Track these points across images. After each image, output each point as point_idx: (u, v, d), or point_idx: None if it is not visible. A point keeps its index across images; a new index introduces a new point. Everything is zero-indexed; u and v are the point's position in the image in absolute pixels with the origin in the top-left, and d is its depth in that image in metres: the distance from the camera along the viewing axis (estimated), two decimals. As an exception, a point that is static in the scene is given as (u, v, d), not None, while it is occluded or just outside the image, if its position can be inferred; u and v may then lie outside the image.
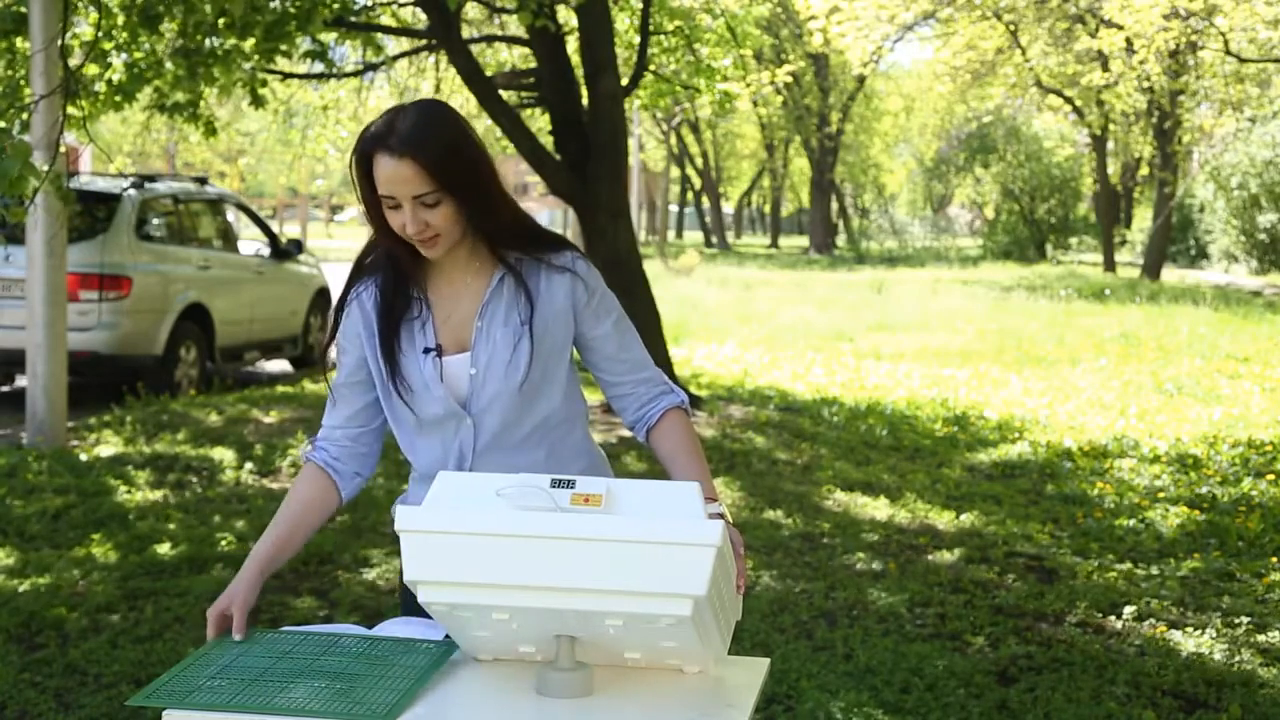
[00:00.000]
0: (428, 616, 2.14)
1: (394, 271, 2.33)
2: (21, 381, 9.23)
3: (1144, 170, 30.79)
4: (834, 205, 45.32)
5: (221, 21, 8.08)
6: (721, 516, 2.00)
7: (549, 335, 2.36)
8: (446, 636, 2.16)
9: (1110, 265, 29.91)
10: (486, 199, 2.25)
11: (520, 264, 2.32)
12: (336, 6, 8.59)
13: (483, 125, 16.55)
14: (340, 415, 2.46)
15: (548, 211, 60.83)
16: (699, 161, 47.34)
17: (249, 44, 8.59)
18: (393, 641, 2.16)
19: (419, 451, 2.37)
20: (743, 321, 16.75)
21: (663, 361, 10.16)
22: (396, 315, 2.34)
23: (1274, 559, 5.79)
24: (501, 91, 10.40)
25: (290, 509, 2.33)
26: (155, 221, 10.41)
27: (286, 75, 11.74)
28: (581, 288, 2.37)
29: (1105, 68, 23.87)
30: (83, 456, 7.30)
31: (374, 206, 2.24)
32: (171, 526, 5.93)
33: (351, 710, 1.89)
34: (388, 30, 11.22)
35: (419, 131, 2.16)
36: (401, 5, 11.34)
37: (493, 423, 2.32)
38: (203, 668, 2.02)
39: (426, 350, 2.32)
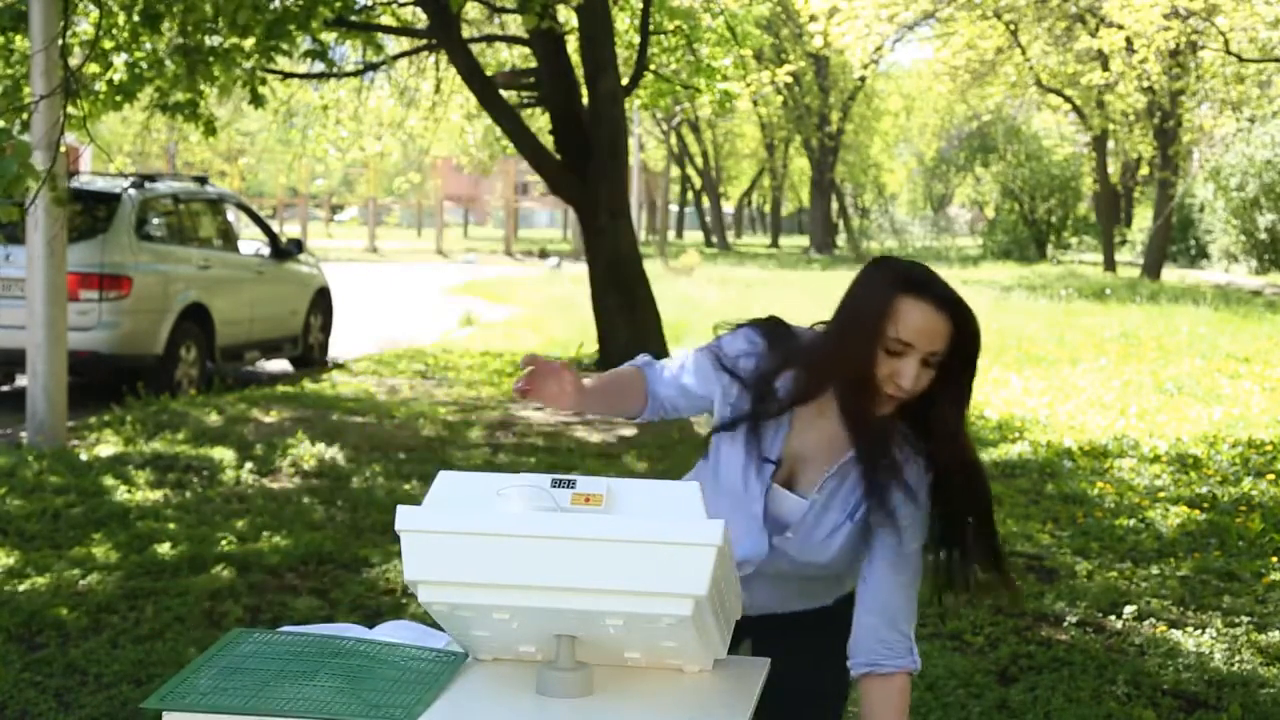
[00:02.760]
0: None
1: (788, 373, 2.28)
2: (21, 381, 9.23)
3: (1144, 170, 30.81)
4: (834, 205, 45.31)
5: (221, 20, 8.08)
6: None
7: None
8: (448, 643, 2.16)
9: (1110, 265, 29.91)
10: (961, 397, 2.22)
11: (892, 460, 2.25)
12: (338, 5, 8.59)
13: (483, 125, 16.57)
14: (668, 386, 2.40)
15: (548, 211, 60.85)
16: (699, 161, 47.34)
17: (249, 43, 8.59)
18: (400, 646, 2.15)
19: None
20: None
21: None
22: (760, 406, 2.28)
23: (1274, 559, 5.79)
24: (501, 91, 10.41)
25: (621, 377, 2.35)
26: (155, 221, 10.41)
27: (286, 75, 11.75)
28: (920, 513, 2.27)
29: (1105, 67, 23.89)
30: (83, 456, 7.30)
31: (869, 347, 2.17)
32: (171, 526, 5.93)
33: (370, 712, 1.89)
34: (388, 30, 11.23)
35: (964, 304, 2.18)
36: (401, 5, 11.34)
37: (784, 563, 2.33)
38: (212, 668, 2.02)
39: (765, 460, 2.28)
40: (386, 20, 11.22)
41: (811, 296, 20.47)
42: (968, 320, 2.18)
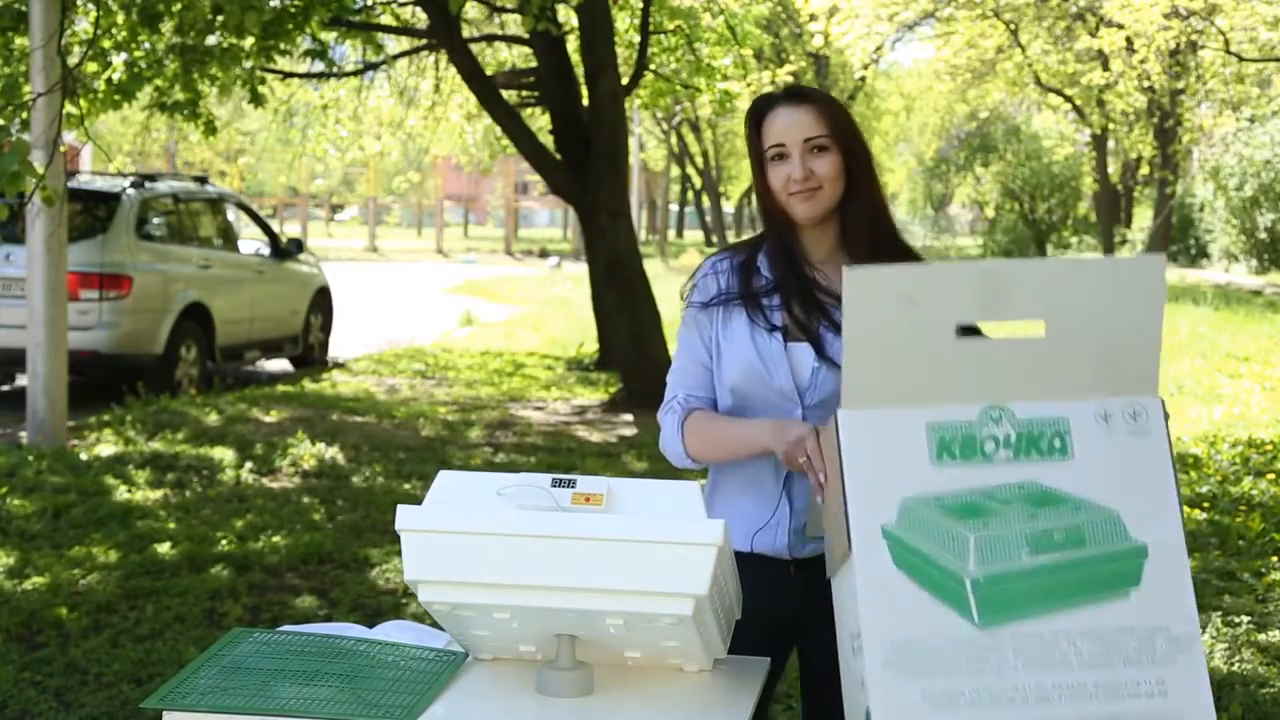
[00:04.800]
0: None
1: (751, 253, 2.39)
2: (22, 381, 9.23)
3: (1144, 170, 30.80)
4: (834, 205, 45.22)
5: (220, 20, 8.08)
6: None
7: None
8: (448, 643, 2.16)
9: (1110, 265, 29.84)
10: (868, 168, 2.34)
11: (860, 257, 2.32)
12: (335, 5, 8.59)
13: (483, 125, 16.57)
14: (700, 387, 2.40)
15: (548, 211, 60.83)
16: (699, 161, 47.32)
17: (248, 42, 8.59)
18: (400, 646, 2.15)
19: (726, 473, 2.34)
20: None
21: (663, 362, 10.16)
22: (749, 290, 2.35)
23: (1274, 559, 5.79)
24: (502, 91, 10.41)
25: (718, 415, 2.36)
26: (155, 221, 10.41)
27: (286, 74, 11.75)
28: None
29: (1105, 67, 23.88)
30: (83, 456, 7.30)
31: (760, 175, 2.32)
32: (171, 526, 5.93)
33: (370, 712, 1.89)
34: (388, 29, 11.23)
35: (815, 90, 2.36)
36: (401, 5, 11.34)
37: (828, 415, 2.31)
38: (212, 668, 2.02)
39: (773, 329, 2.32)
40: (386, 20, 11.22)
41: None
42: (825, 99, 2.33)
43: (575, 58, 10.55)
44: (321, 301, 12.63)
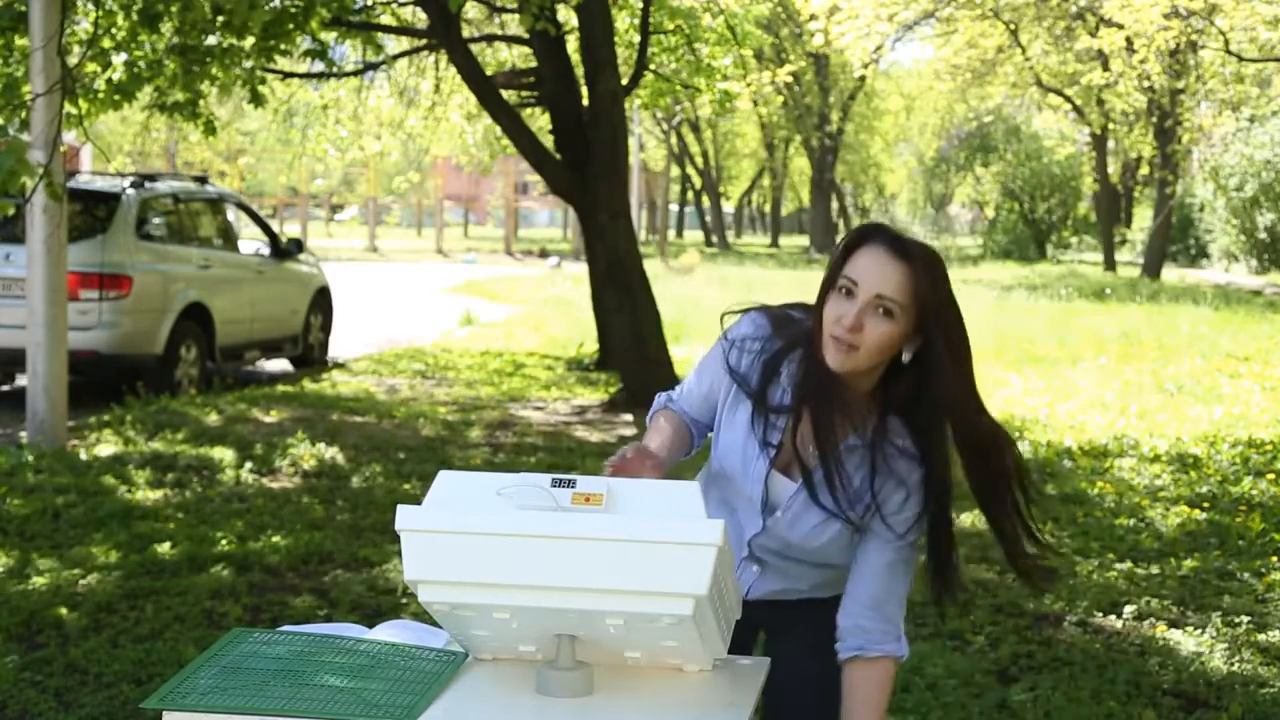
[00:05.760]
0: None
1: (785, 348, 2.26)
2: (22, 381, 9.23)
3: (1144, 170, 30.80)
4: (834, 204, 45.30)
5: (220, 19, 8.08)
6: None
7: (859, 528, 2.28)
8: (448, 643, 2.16)
9: (1110, 264, 29.91)
10: (936, 351, 2.12)
11: (886, 449, 2.19)
12: (335, 5, 8.59)
13: (483, 125, 16.56)
14: (690, 404, 2.42)
15: (548, 211, 60.82)
16: (699, 161, 47.34)
17: (248, 43, 8.59)
18: (400, 646, 2.15)
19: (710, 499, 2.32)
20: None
21: (663, 362, 10.16)
22: (763, 395, 2.26)
23: (1274, 559, 5.79)
24: (501, 91, 10.40)
25: (667, 426, 2.35)
26: (155, 221, 10.40)
27: (286, 74, 11.75)
28: (913, 507, 2.22)
29: (1105, 67, 23.88)
30: (83, 456, 7.30)
31: (823, 296, 2.17)
32: (171, 526, 5.93)
33: (370, 712, 1.89)
34: (388, 30, 11.23)
35: (923, 253, 2.12)
36: (401, 5, 11.34)
37: (776, 544, 2.32)
38: (212, 668, 2.02)
39: (765, 446, 2.26)
40: (386, 20, 11.22)
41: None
42: (927, 269, 2.10)
43: (575, 58, 10.55)
44: (321, 301, 12.62)
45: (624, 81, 10.52)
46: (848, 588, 2.27)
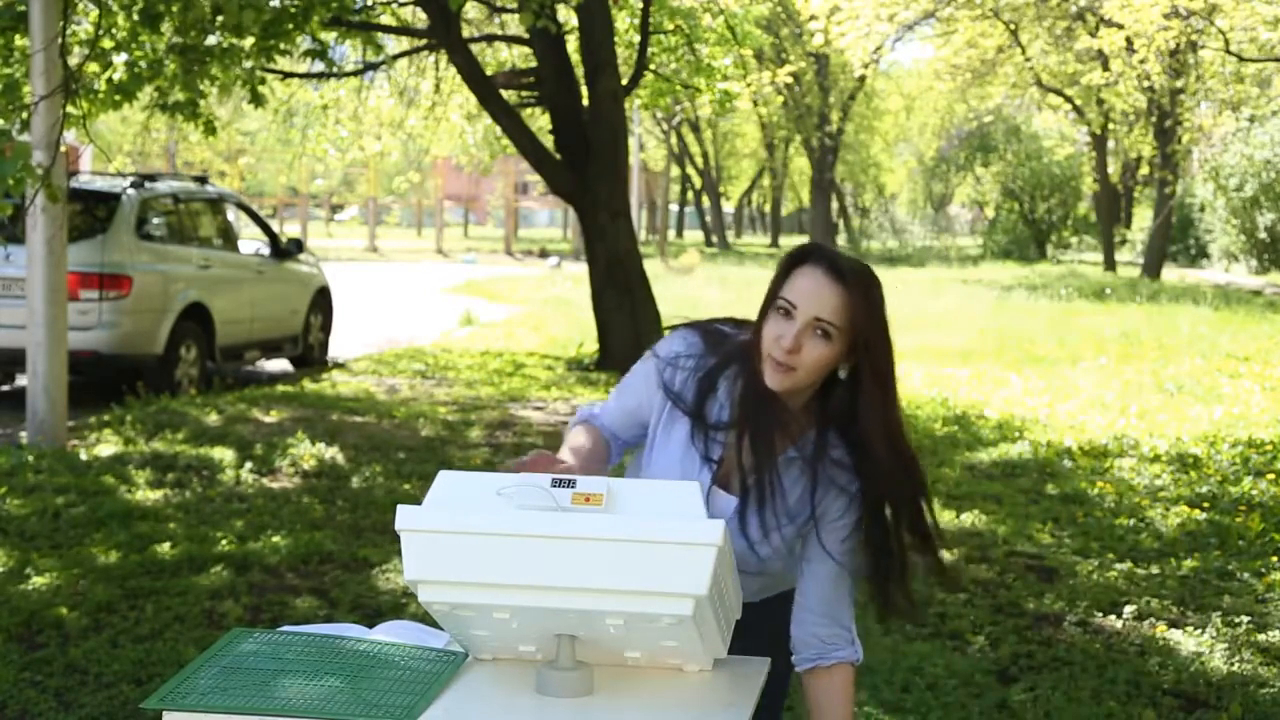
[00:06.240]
0: None
1: (720, 364, 2.27)
2: (22, 381, 9.23)
3: (1144, 170, 30.80)
4: (834, 204, 45.30)
5: (219, 20, 8.08)
6: None
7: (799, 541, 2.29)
8: (448, 643, 2.16)
9: (1110, 264, 29.91)
10: (868, 374, 2.16)
11: (825, 461, 2.22)
12: (335, 5, 8.59)
13: (483, 125, 16.57)
14: (612, 419, 2.40)
15: (548, 211, 60.82)
16: (699, 161, 47.34)
17: (248, 43, 8.59)
18: (400, 646, 2.16)
19: None
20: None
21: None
22: (700, 411, 2.26)
23: (1274, 559, 5.79)
24: (502, 91, 10.41)
25: (585, 437, 2.32)
26: (155, 221, 10.41)
27: (286, 74, 11.75)
28: (854, 514, 2.24)
29: (1105, 67, 23.88)
30: (83, 456, 7.30)
31: (762, 315, 2.19)
32: (171, 526, 5.93)
33: (370, 712, 1.89)
34: (388, 30, 11.23)
35: (860, 275, 2.15)
36: (401, 5, 11.34)
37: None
38: (212, 668, 2.02)
39: (707, 460, 2.25)
40: (386, 20, 11.22)
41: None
42: (864, 294, 2.14)
43: (575, 58, 10.55)
44: (321, 301, 12.62)
45: (624, 81, 10.52)
46: (797, 599, 2.28)
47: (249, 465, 7.17)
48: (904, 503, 2.22)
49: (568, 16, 11.03)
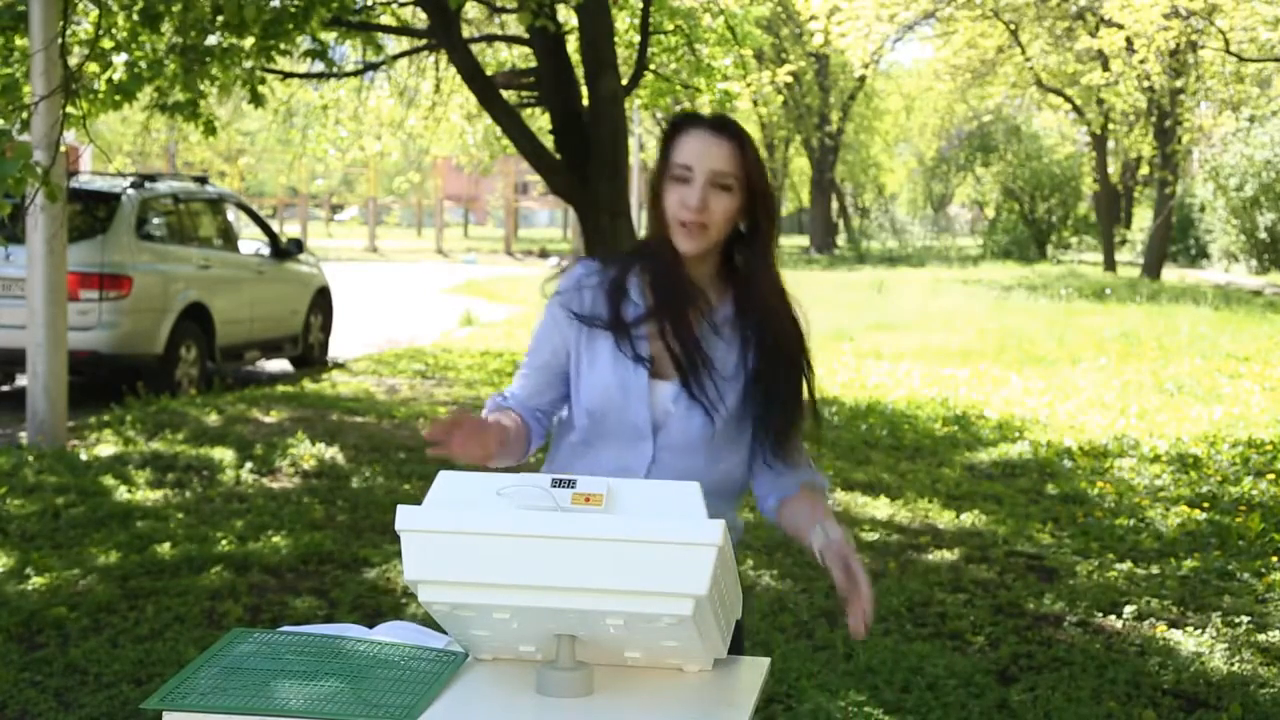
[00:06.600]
0: None
1: (623, 271, 2.33)
2: (22, 381, 9.23)
3: (1144, 170, 30.79)
4: (834, 204, 45.28)
5: (219, 19, 8.08)
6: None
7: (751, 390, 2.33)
8: (448, 643, 2.16)
9: (1110, 265, 29.90)
10: (770, 216, 2.29)
11: (752, 311, 2.31)
12: (335, 5, 8.58)
13: (483, 125, 16.56)
14: (527, 390, 2.39)
15: (548, 211, 60.81)
16: (699, 161, 47.27)
17: (248, 43, 8.59)
18: (400, 646, 2.16)
19: (578, 470, 2.31)
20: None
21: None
22: (618, 318, 2.30)
23: (1274, 559, 5.79)
24: (502, 91, 10.40)
25: (504, 418, 2.30)
26: (155, 221, 10.41)
27: (286, 75, 11.74)
28: (765, 364, 2.33)
29: (1105, 67, 23.88)
30: (83, 456, 7.30)
31: (657, 191, 2.28)
32: (171, 526, 5.93)
33: (370, 712, 1.89)
34: (388, 30, 11.22)
35: (737, 125, 2.28)
36: (401, 5, 11.33)
37: (674, 463, 2.28)
38: (212, 668, 2.02)
39: (638, 360, 2.27)
40: (386, 20, 11.21)
41: (812, 297, 20.47)
42: (748, 143, 2.26)
43: (575, 58, 10.54)
44: (321, 302, 12.63)
45: (624, 81, 10.51)
46: (752, 466, 2.35)
47: (249, 465, 7.17)
48: (801, 351, 2.34)
49: (567, 16, 11.02)
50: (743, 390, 2.29)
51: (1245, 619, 4.90)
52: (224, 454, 7.41)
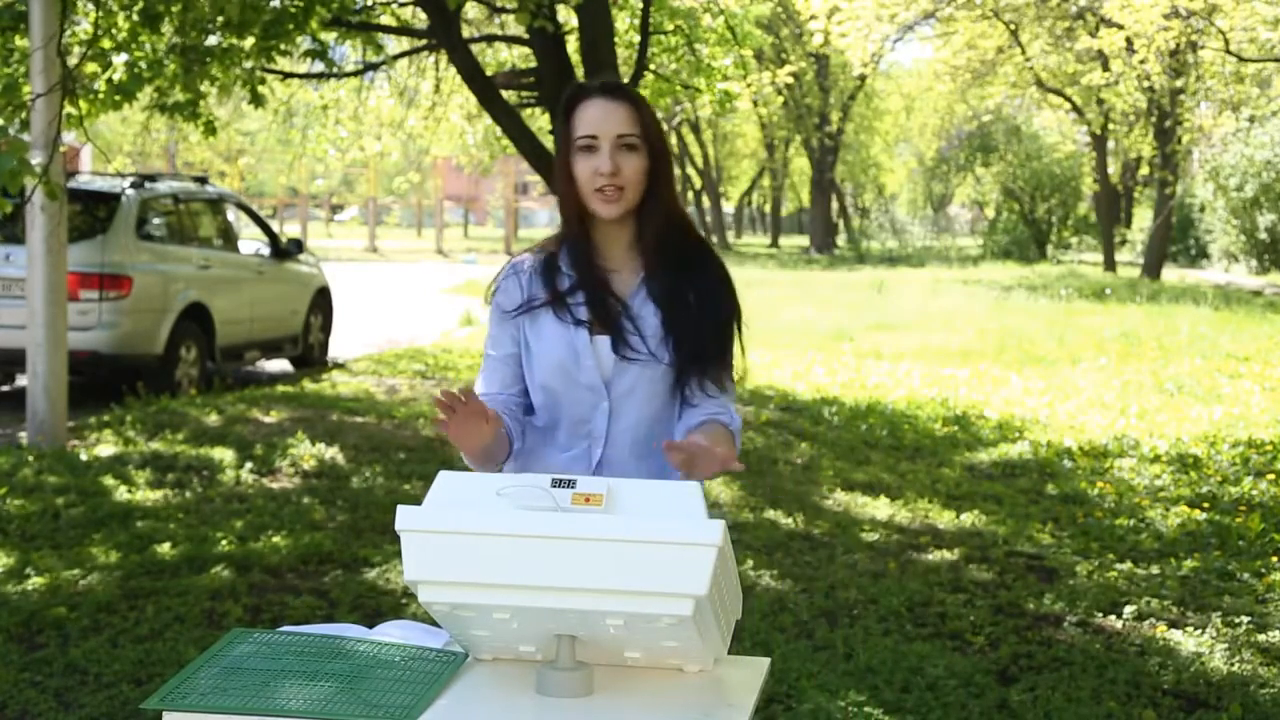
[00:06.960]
0: None
1: (553, 251, 2.44)
2: (22, 381, 9.23)
3: (1144, 170, 30.79)
4: (834, 205, 45.30)
5: (220, 20, 8.08)
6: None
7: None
8: (448, 643, 2.16)
9: (1110, 265, 29.90)
10: (668, 170, 2.39)
11: (668, 266, 2.40)
12: (335, 6, 8.58)
13: (483, 125, 16.56)
14: (495, 384, 2.47)
15: (548, 211, 60.81)
16: (699, 161, 47.33)
17: (248, 43, 8.59)
18: (400, 646, 2.16)
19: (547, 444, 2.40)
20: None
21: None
22: (555, 291, 2.40)
23: (1274, 559, 5.79)
24: (502, 91, 10.40)
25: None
26: (155, 221, 10.41)
27: (286, 75, 11.74)
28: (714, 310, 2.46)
29: (1105, 67, 23.88)
30: (83, 456, 7.29)
31: (565, 165, 2.36)
32: (171, 526, 5.93)
33: (370, 712, 1.89)
34: (388, 30, 11.22)
35: (630, 89, 2.40)
36: (401, 5, 11.33)
37: (632, 412, 2.37)
38: (212, 669, 2.02)
39: (579, 323, 2.37)
40: (386, 20, 11.21)
41: (812, 296, 20.47)
42: (641, 101, 2.38)
43: (575, 58, 10.54)
44: (321, 302, 12.62)
45: (624, 81, 10.51)
46: (680, 394, 2.41)
47: (249, 465, 7.17)
48: (722, 295, 2.43)
49: (567, 16, 11.02)
50: (663, 333, 2.37)
51: (1245, 619, 4.90)
52: (224, 454, 7.41)
